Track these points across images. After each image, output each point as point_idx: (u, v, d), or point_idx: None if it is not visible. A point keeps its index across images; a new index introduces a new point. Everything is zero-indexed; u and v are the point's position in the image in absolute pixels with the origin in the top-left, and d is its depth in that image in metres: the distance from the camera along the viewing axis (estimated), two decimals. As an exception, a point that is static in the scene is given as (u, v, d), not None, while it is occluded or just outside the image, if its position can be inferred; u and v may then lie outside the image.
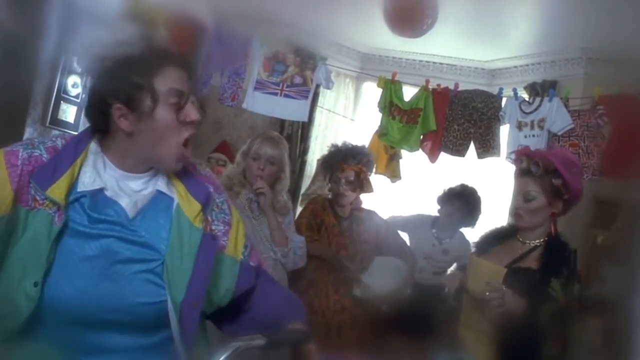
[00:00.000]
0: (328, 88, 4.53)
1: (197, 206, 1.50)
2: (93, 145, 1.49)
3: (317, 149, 5.76)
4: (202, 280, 1.44)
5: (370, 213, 3.68)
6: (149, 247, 1.43)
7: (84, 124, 4.46)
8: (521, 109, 4.22)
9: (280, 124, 5.60)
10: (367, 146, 4.15)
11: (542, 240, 2.48)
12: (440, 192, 4.10)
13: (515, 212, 2.51)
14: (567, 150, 3.06)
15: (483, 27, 4.98)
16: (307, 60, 4.39)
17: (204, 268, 1.45)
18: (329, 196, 3.61)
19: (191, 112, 1.45)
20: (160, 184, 1.50)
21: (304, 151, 5.69)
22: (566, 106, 4.14)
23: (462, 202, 3.97)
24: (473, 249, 2.75)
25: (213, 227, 1.54)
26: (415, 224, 4.12)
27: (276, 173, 3.14)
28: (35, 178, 1.37)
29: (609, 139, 4.04)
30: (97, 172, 1.44)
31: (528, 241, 2.50)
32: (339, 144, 3.65)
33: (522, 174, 2.51)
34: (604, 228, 4.58)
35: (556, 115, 4.07)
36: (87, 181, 1.42)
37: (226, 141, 5.34)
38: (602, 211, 4.67)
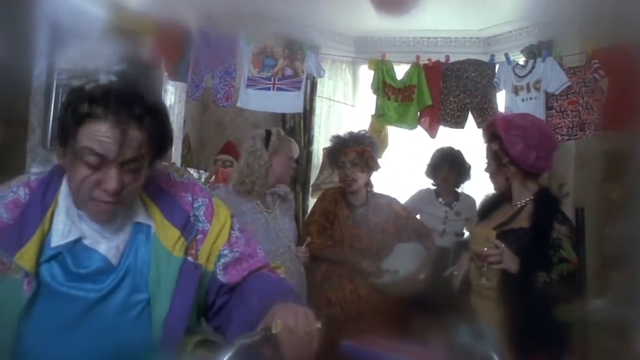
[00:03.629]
0: (319, 76, 4.53)
1: (175, 233, 1.36)
2: (63, 188, 1.33)
3: (322, 139, 5.76)
4: (181, 316, 1.31)
5: (390, 200, 3.59)
6: (134, 291, 1.32)
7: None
8: (515, 73, 4.18)
9: (282, 117, 5.60)
10: (367, 130, 4.16)
11: (529, 199, 2.51)
12: (425, 166, 4.19)
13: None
14: (528, 114, 3.05)
15: (472, -4, 4.94)
16: (296, 51, 4.39)
17: (183, 301, 1.32)
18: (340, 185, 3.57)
19: (106, 180, 1.24)
20: (138, 214, 1.37)
21: (309, 142, 5.69)
22: (561, 65, 4.09)
23: (449, 162, 4.08)
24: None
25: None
26: (422, 200, 4.19)
27: None
28: (1, 244, 1.24)
29: (608, 92, 3.99)
30: (70, 220, 1.31)
31: (517, 202, 2.53)
32: (341, 134, 3.64)
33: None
34: (617, 182, 4.53)
35: (551, 75, 4.03)
36: (61, 233, 1.30)
37: (230, 141, 5.37)
38: (614, 165, 4.62)
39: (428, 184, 4.24)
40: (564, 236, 2.39)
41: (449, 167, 4.07)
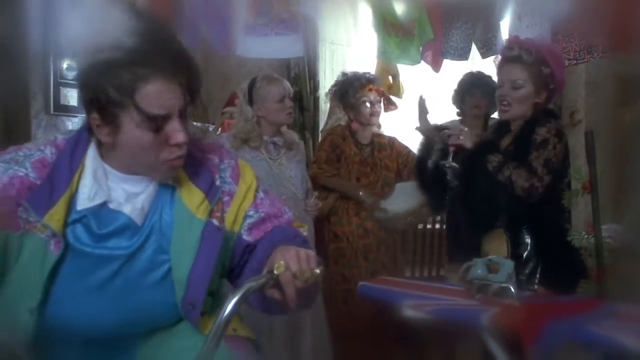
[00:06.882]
0: (316, 19, 4.45)
1: (199, 195, 1.36)
2: (91, 151, 1.34)
3: (327, 84, 5.65)
4: (201, 279, 1.32)
5: (392, 138, 3.75)
6: (159, 251, 1.34)
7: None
8: (518, -2, 4.06)
9: (287, 65, 5.52)
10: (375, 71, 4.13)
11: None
12: (453, 92, 3.77)
13: (501, 100, 2.50)
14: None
15: None
16: (292, -7, 4.29)
17: (205, 264, 1.32)
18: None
19: (175, 134, 1.27)
20: None
21: (315, 88, 5.61)
22: (564, -14, 3.96)
23: (481, 88, 3.61)
24: None
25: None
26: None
27: None
28: (31, 203, 1.24)
29: (615, 12, 3.86)
30: (98, 184, 1.31)
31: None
32: (347, 72, 3.67)
33: (512, 60, 2.52)
34: (630, 105, 4.45)
35: (556, -3, 3.90)
36: (87, 196, 1.30)
37: (235, 93, 5.31)
38: (626, 88, 4.53)
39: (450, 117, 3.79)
40: (549, 135, 2.44)
41: (480, 94, 3.59)
